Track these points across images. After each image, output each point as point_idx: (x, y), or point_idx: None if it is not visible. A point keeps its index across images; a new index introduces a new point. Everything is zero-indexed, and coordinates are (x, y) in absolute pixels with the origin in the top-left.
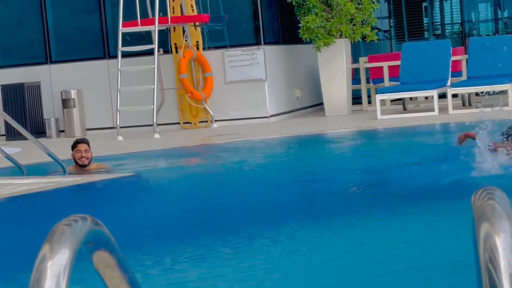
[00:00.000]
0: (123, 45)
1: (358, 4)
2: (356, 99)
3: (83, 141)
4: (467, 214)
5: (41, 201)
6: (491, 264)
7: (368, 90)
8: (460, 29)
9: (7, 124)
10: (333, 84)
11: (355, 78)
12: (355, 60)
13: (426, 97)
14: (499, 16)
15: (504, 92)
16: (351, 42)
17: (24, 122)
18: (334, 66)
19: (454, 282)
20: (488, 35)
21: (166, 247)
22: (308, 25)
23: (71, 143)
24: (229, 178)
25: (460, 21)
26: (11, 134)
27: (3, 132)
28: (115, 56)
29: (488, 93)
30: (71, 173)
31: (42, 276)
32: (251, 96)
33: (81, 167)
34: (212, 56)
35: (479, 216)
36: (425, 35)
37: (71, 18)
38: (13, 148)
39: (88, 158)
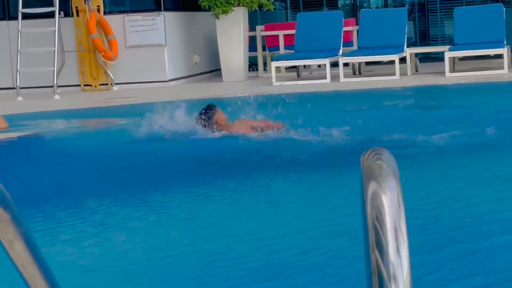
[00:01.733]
0: (23, 7)
1: None
2: (252, 66)
3: None
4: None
5: None
6: (378, 222)
7: (264, 58)
8: (352, 2)
9: None
10: (231, 51)
11: (252, 46)
12: (252, 28)
13: (319, 65)
14: None
15: (391, 62)
16: (248, 10)
17: None
18: (232, 33)
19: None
20: (377, 7)
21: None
22: None
23: None
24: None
25: None
26: None
27: None
28: (16, 17)
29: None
30: None
31: None
32: (151, 60)
33: None
34: (113, 21)
35: (367, 175)
36: (320, 7)
37: None
38: None
39: None
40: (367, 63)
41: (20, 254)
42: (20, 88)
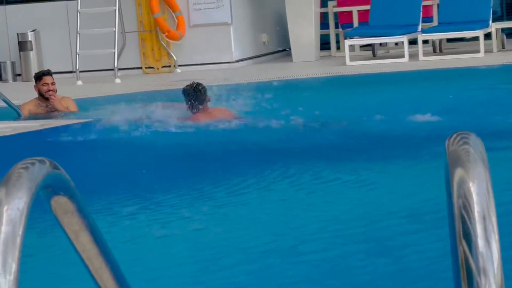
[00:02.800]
0: None
1: None
2: (324, 44)
3: (49, 72)
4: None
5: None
6: (465, 211)
7: (337, 36)
8: None
9: None
10: (301, 28)
11: (324, 23)
12: (323, 4)
13: (396, 43)
14: None
15: (475, 39)
16: None
17: None
18: (302, 10)
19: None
20: None
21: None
22: None
23: (30, 84)
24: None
25: None
26: None
27: None
28: None
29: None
30: (34, 113)
31: None
32: (216, 40)
33: (46, 101)
34: None
35: (453, 161)
36: None
37: None
38: None
39: (55, 91)
40: (449, 40)
41: (86, 247)
42: (80, 71)
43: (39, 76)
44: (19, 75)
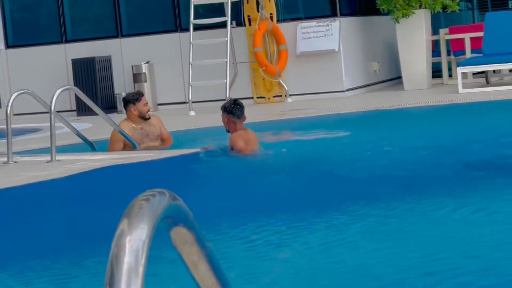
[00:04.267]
0: (195, 18)
1: None
2: (436, 72)
3: (143, 93)
4: None
5: (113, 176)
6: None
7: (449, 63)
8: None
9: (78, 99)
10: (412, 56)
11: (435, 51)
12: (435, 31)
13: (511, 70)
14: None
15: None
16: (431, 12)
17: (95, 97)
18: (414, 38)
19: None
20: None
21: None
22: None
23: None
24: (318, 153)
25: None
26: (82, 109)
27: (74, 107)
28: (187, 29)
29: None
30: (122, 132)
31: (121, 252)
32: (326, 69)
33: (142, 122)
34: (286, 29)
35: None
36: (509, 5)
37: None
38: (84, 124)
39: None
40: None
41: (204, 277)
42: (192, 102)
43: (137, 97)
44: None
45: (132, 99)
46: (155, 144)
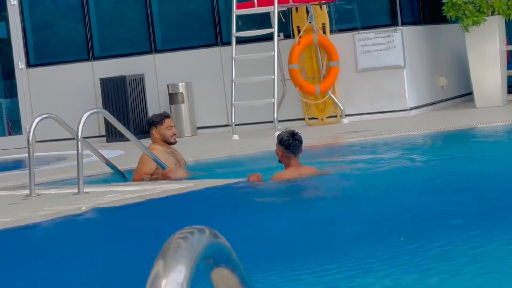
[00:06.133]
0: (237, 30)
1: None
2: None
3: (169, 115)
4: None
5: (147, 210)
6: None
7: None
8: None
9: (107, 123)
10: (485, 70)
11: (511, 63)
12: (510, 40)
13: None
14: None
15: None
16: (505, 19)
17: (126, 120)
18: (486, 48)
19: None
20: None
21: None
22: (454, 0)
23: (183, 141)
24: (370, 183)
25: None
26: (112, 135)
27: (103, 132)
28: (229, 43)
29: None
30: (164, 162)
31: None
32: (387, 86)
33: (168, 146)
34: (341, 40)
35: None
36: None
37: (178, 1)
38: (114, 151)
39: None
40: None
41: None
42: (236, 125)
43: (161, 119)
44: None
45: (154, 121)
46: (184, 173)
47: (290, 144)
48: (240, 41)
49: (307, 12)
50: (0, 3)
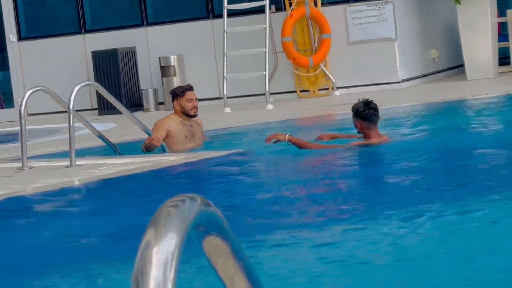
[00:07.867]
0: (229, 3)
1: None
2: (503, 59)
3: (191, 87)
4: None
5: (138, 183)
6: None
7: None
8: None
9: (99, 96)
10: (476, 42)
11: (502, 34)
12: (501, 13)
13: None
14: None
15: None
16: None
17: (118, 93)
18: (477, 20)
19: None
20: None
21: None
22: None
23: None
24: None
25: None
26: (104, 108)
27: (95, 105)
28: (220, 16)
29: None
30: (176, 132)
31: (147, 265)
32: (378, 58)
33: (188, 119)
34: (332, 13)
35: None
36: None
37: None
38: (106, 124)
39: (197, 108)
40: None
41: None
42: (228, 97)
43: (182, 92)
44: (162, 103)
45: (176, 92)
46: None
47: (366, 114)
48: (232, 14)
49: None
50: None
